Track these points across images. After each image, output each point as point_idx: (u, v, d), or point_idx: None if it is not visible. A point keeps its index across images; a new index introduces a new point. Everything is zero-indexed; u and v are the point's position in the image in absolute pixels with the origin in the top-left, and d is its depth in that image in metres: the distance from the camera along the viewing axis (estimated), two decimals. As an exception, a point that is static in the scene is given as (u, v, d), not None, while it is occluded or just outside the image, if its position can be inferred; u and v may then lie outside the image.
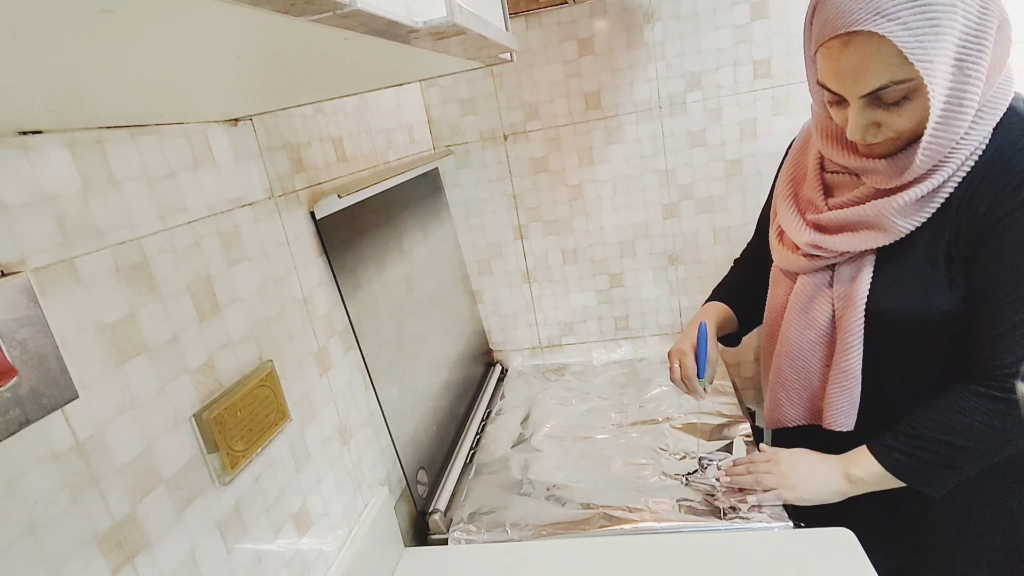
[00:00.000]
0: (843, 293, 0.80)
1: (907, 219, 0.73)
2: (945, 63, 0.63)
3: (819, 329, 0.84)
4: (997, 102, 0.69)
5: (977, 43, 0.63)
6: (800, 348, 0.87)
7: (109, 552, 0.49)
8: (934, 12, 0.61)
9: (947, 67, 0.63)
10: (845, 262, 0.80)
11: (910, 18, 0.61)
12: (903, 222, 0.73)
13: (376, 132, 1.17)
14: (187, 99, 0.54)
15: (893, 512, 0.86)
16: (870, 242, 0.76)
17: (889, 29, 0.62)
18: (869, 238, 0.76)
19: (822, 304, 0.83)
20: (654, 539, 0.90)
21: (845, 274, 0.80)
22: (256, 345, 0.71)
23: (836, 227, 0.79)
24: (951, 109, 0.66)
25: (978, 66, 0.64)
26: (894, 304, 0.76)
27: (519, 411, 1.35)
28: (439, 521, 1.01)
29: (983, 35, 0.63)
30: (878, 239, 0.75)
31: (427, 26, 0.37)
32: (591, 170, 1.44)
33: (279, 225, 0.80)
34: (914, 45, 0.61)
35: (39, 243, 0.47)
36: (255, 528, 0.67)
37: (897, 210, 0.73)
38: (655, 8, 1.31)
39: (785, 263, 0.88)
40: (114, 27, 0.27)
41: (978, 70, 0.64)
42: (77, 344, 0.48)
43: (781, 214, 0.88)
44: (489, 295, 1.59)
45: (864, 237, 0.76)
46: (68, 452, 0.47)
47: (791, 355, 0.88)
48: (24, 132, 0.47)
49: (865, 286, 0.77)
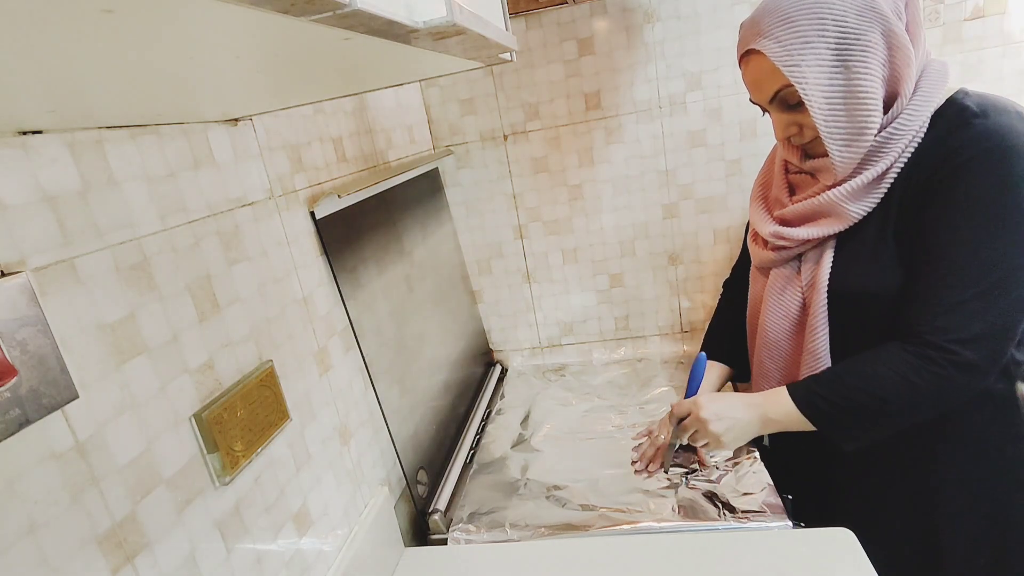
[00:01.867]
0: (808, 279, 0.87)
1: (858, 204, 0.80)
2: (820, 65, 0.74)
3: (792, 317, 0.89)
4: (930, 94, 0.77)
5: (860, 46, 0.73)
6: (776, 337, 0.92)
7: (109, 552, 0.49)
8: (800, 27, 0.74)
9: (824, 68, 0.74)
10: (810, 250, 0.87)
11: (780, 34, 0.75)
12: (854, 207, 0.80)
13: (376, 132, 1.17)
14: (187, 99, 0.54)
15: (890, 507, 0.87)
16: (827, 229, 0.83)
17: (764, 45, 0.76)
18: (826, 225, 0.83)
19: (792, 292, 0.89)
20: (654, 539, 0.90)
21: (809, 261, 0.87)
22: (256, 345, 0.71)
23: (798, 219, 0.87)
24: (846, 102, 0.75)
25: (866, 62, 0.74)
26: (852, 283, 0.82)
27: (519, 411, 1.35)
28: (439, 521, 1.01)
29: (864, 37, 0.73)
30: (834, 225, 0.82)
31: (427, 26, 0.37)
32: (591, 170, 1.44)
33: (279, 225, 0.80)
34: (783, 55, 0.75)
35: (39, 243, 0.47)
36: (255, 528, 0.67)
37: (847, 196, 0.80)
38: (655, 8, 1.31)
39: (758, 260, 0.95)
40: (114, 27, 0.26)
41: (867, 65, 0.74)
42: (77, 344, 0.48)
43: (751, 213, 0.96)
44: (489, 295, 1.59)
45: (822, 225, 0.84)
46: (68, 452, 0.47)
47: (768, 346, 0.93)
48: (24, 132, 0.47)
49: (827, 268, 0.84)
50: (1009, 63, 1.28)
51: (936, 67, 0.79)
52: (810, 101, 0.75)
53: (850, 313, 0.83)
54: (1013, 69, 1.28)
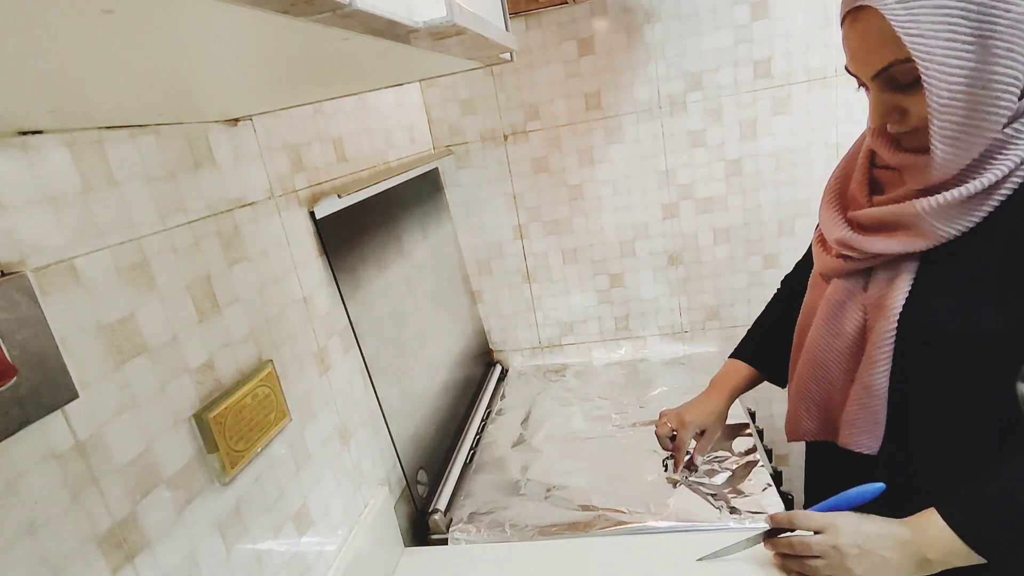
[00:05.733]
0: (875, 300, 0.73)
1: (949, 223, 0.65)
2: (948, 38, 0.58)
3: (846, 338, 0.76)
4: None
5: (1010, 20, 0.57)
6: (824, 357, 0.80)
7: (109, 552, 0.49)
8: None
9: (954, 44, 0.58)
10: (882, 267, 0.73)
11: None
12: (943, 226, 0.65)
13: (376, 132, 1.17)
14: (187, 99, 0.54)
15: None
16: (905, 246, 0.69)
17: (884, 3, 0.59)
18: (904, 241, 0.69)
19: (853, 311, 0.76)
20: (654, 539, 0.90)
21: (880, 279, 0.73)
22: (256, 345, 0.71)
23: (874, 225, 0.72)
24: (972, 91, 0.59)
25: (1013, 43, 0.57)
26: (930, 317, 0.68)
27: (519, 411, 1.35)
28: (439, 521, 1.01)
29: (1018, 8, 0.57)
30: (914, 243, 0.68)
31: (427, 26, 0.37)
32: (591, 170, 1.44)
33: (279, 225, 0.80)
34: (906, 18, 0.58)
35: (39, 243, 0.47)
36: (255, 528, 0.67)
37: (934, 211, 0.65)
38: (655, 8, 1.31)
39: (821, 265, 0.82)
40: (114, 27, 0.27)
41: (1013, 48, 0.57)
42: (77, 344, 0.48)
43: (821, 211, 0.82)
44: (489, 295, 1.59)
45: (899, 240, 0.69)
46: (68, 452, 0.47)
47: (814, 364, 0.81)
48: (24, 132, 0.47)
49: (900, 294, 0.70)
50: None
51: None
52: (930, 84, 0.59)
53: (919, 350, 0.70)
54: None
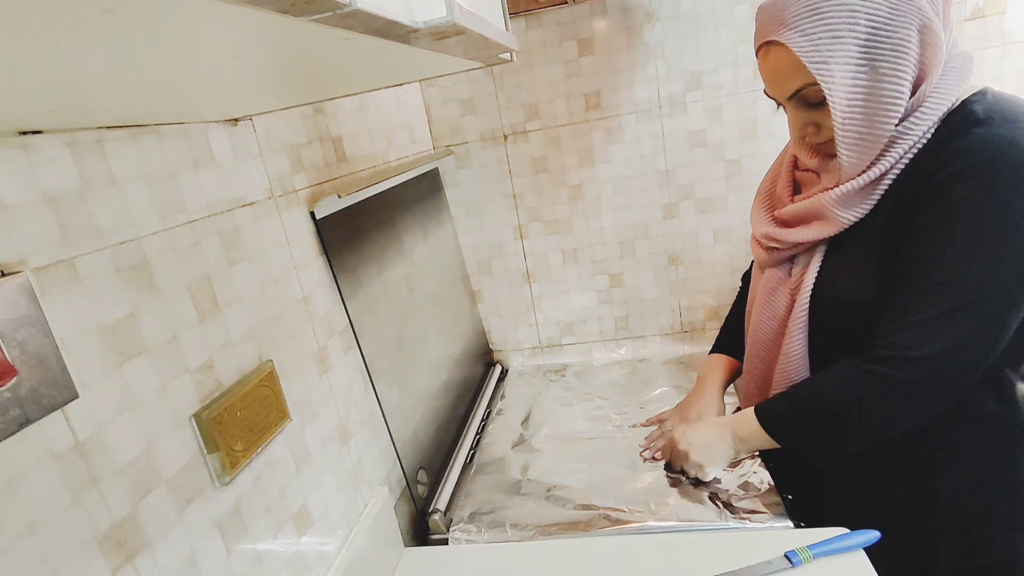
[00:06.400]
0: (796, 282, 0.85)
1: (848, 210, 0.77)
2: (847, 63, 0.68)
3: (779, 318, 0.88)
4: (940, 98, 0.71)
5: (891, 44, 0.67)
6: (764, 338, 0.91)
7: (109, 552, 0.49)
8: (830, 19, 0.67)
9: (850, 67, 0.69)
10: (802, 253, 0.85)
11: (807, 26, 0.68)
12: (844, 212, 0.77)
13: (376, 132, 1.17)
14: (187, 99, 0.54)
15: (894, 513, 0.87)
16: (816, 233, 0.80)
17: (789, 38, 0.70)
18: (816, 229, 0.80)
19: (782, 294, 0.87)
20: (654, 539, 0.90)
21: (800, 264, 0.85)
22: (256, 345, 0.71)
23: (794, 219, 0.84)
24: (867, 105, 0.70)
25: (895, 64, 0.68)
26: (835, 291, 0.80)
27: (519, 411, 1.35)
28: (439, 521, 1.01)
29: (896, 35, 0.67)
30: (824, 230, 0.79)
31: (427, 26, 0.37)
32: (591, 170, 1.44)
33: (279, 225, 0.80)
34: (809, 50, 0.69)
35: (39, 243, 0.47)
36: (255, 528, 0.67)
37: (836, 200, 0.77)
38: (655, 8, 1.31)
39: (755, 257, 0.94)
40: (114, 27, 0.27)
41: (896, 69, 0.68)
42: (77, 344, 0.48)
43: (752, 211, 0.95)
44: (489, 295, 1.59)
45: (811, 229, 0.81)
46: (68, 452, 0.47)
47: (756, 345, 0.92)
48: (24, 132, 0.47)
49: (813, 273, 0.82)
50: (1009, 63, 1.28)
51: (956, 63, 0.72)
52: (833, 102, 0.70)
53: (832, 321, 0.82)
54: (1013, 70, 1.28)
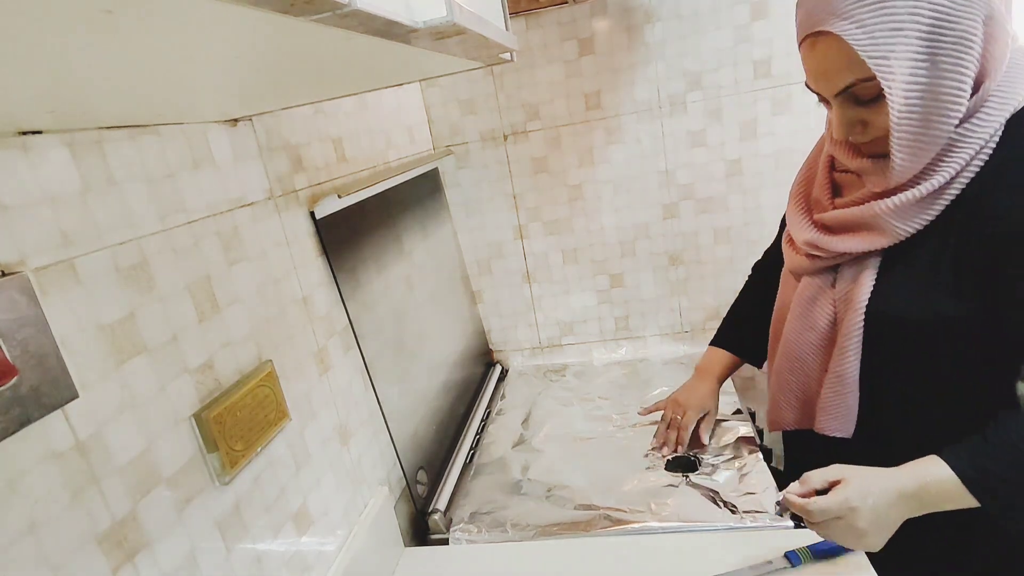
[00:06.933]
0: (844, 294, 0.78)
1: (906, 222, 0.71)
2: (907, 58, 0.62)
3: (819, 331, 0.82)
4: (1004, 98, 0.65)
5: (954, 37, 0.62)
6: (800, 350, 0.85)
7: (109, 551, 0.49)
8: (891, 8, 0.61)
9: (911, 62, 0.63)
10: (848, 264, 0.78)
11: (865, 16, 0.62)
12: (901, 224, 0.71)
13: (376, 132, 1.17)
14: (187, 99, 0.54)
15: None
16: (868, 244, 0.74)
17: (844, 28, 0.63)
18: (867, 240, 0.74)
19: (823, 306, 0.81)
20: (654, 539, 0.90)
21: (847, 275, 0.78)
22: (256, 345, 0.71)
23: (839, 226, 0.78)
24: (925, 105, 0.64)
25: (958, 60, 0.62)
26: (894, 308, 0.74)
27: (519, 411, 1.35)
28: (439, 521, 1.01)
29: (960, 26, 0.61)
30: (876, 241, 0.74)
31: (427, 26, 0.37)
32: (591, 170, 1.44)
33: (279, 225, 0.80)
34: (866, 42, 0.62)
35: (39, 243, 0.47)
36: (255, 528, 0.67)
37: (892, 212, 0.71)
38: (655, 8, 1.31)
39: (791, 264, 0.87)
40: (114, 27, 0.27)
41: (958, 64, 0.62)
42: (77, 344, 0.48)
43: (788, 213, 0.87)
44: (489, 295, 1.59)
45: (862, 239, 0.75)
46: (68, 451, 0.47)
47: (790, 357, 0.87)
48: (24, 132, 0.47)
49: (866, 288, 0.75)
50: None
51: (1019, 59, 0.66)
52: (892, 100, 0.64)
53: (886, 340, 0.75)
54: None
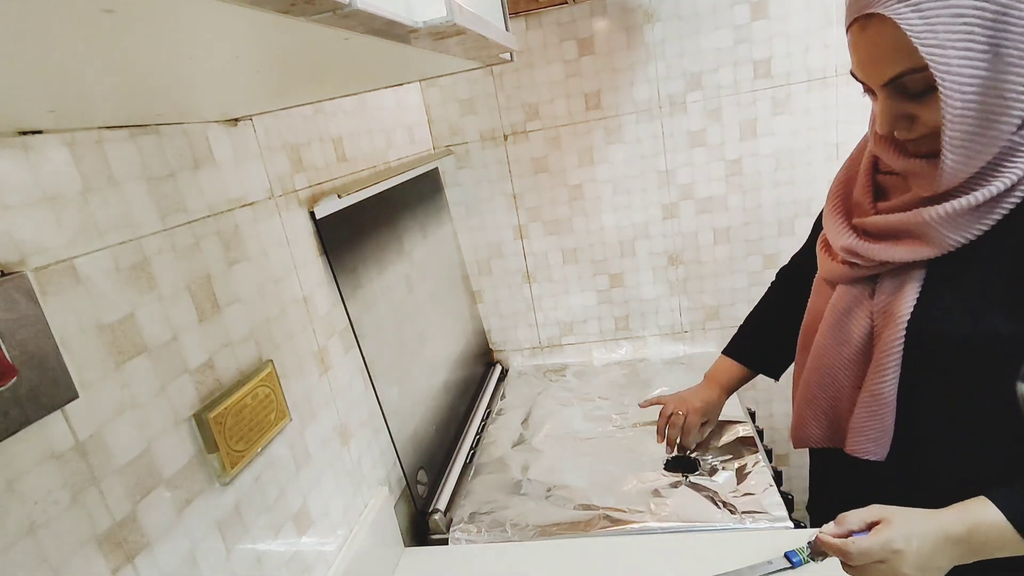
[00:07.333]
0: (883, 307, 0.72)
1: (958, 231, 0.64)
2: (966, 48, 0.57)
3: (854, 345, 0.75)
4: None
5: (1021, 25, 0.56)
6: (831, 364, 0.78)
7: (109, 552, 0.49)
8: None
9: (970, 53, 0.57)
10: (889, 274, 0.72)
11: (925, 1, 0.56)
12: (952, 234, 0.64)
13: (376, 132, 1.17)
14: (187, 99, 0.54)
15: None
16: (912, 254, 0.67)
17: (899, 12, 0.57)
18: (912, 249, 0.67)
19: (860, 318, 0.74)
20: (654, 539, 0.90)
21: (887, 287, 0.71)
22: (256, 345, 0.71)
23: (882, 233, 0.71)
24: (984, 102, 0.58)
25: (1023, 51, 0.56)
26: (938, 324, 0.67)
27: (519, 411, 1.35)
28: (439, 521, 1.01)
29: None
30: (922, 251, 0.67)
31: (427, 26, 0.37)
32: (591, 170, 1.44)
33: (279, 225, 0.80)
34: (921, 28, 0.56)
35: (39, 243, 0.47)
36: (255, 528, 0.67)
37: (943, 220, 0.64)
38: (655, 8, 1.31)
39: (825, 271, 0.80)
40: (114, 27, 0.27)
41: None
42: (77, 344, 0.48)
43: (826, 217, 0.81)
44: (489, 295, 1.59)
45: (906, 247, 0.68)
46: (68, 452, 0.47)
47: (820, 371, 0.80)
48: (24, 132, 0.47)
49: (908, 301, 0.69)
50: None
51: None
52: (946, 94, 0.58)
53: (927, 358, 0.69)
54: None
